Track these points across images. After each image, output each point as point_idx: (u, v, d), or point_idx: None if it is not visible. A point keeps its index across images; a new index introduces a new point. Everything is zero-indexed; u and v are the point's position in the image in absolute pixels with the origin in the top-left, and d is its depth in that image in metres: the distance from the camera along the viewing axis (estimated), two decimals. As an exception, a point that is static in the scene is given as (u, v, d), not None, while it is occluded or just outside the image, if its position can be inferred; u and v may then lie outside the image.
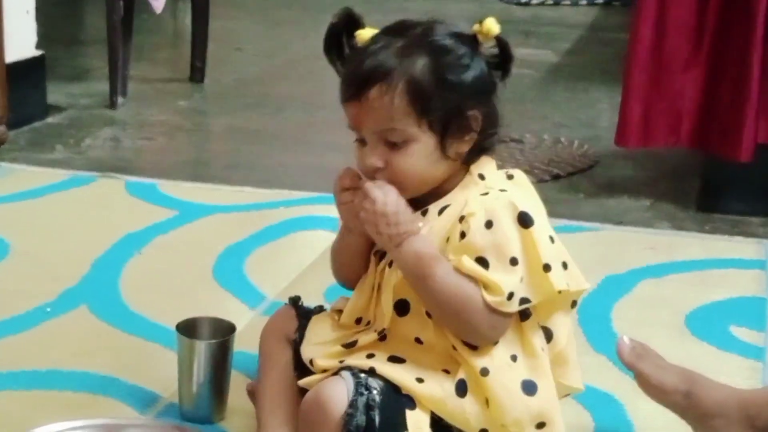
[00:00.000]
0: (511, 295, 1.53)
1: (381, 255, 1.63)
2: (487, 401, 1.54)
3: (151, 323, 2.15)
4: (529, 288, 1.55)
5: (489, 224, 1.53)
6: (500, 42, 1.58)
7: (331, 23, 1.61)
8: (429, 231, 1.57)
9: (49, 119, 3.64)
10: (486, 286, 1.53)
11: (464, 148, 1.58)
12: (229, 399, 1.84)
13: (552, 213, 2.87)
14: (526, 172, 1.69)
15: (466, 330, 1.55)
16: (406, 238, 1.55)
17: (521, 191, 1.60)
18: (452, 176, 1.60)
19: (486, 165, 1.62)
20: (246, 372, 1.95)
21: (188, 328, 1.85)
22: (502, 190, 1.57)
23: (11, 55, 3.29)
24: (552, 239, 1.56)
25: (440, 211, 1.59)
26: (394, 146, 1.56)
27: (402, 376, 1.55)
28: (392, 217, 1.54)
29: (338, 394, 1.54)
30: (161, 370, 1.96)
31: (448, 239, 1.56)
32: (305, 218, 2.71)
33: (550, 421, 1.56)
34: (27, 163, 3.13)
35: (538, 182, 3.12)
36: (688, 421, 1.74)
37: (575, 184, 3.13)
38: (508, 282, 1.53)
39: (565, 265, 1.58)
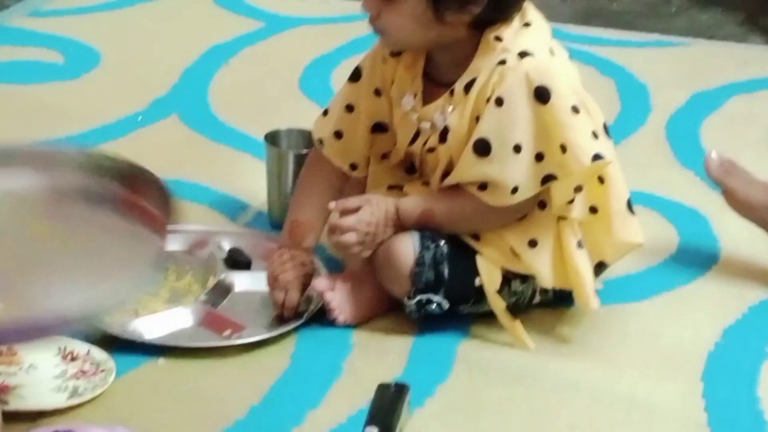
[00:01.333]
0: (515, 189, 1.50)
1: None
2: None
3: (240, 133, 2.18)
4: (549, 167, 1.50)
5: (499, 101, 1.49)
6: None
7: None
8: (460, 115, 1.53)
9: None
10: (487, 185, 1.51)
11: (465, 17, 1.50)
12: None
13: (643, 27, 2.85)
14: None
15: (489, 229, 1.56)
16: (391, 222, 1.55)
17: (540, 41, 1.53)
18: (467, 41, 1.54)
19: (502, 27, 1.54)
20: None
21: (276, 139, 1.88)
22: (521, 54, 1.50)
23: None
24: (576, 109, 1.50)
25: (466, 88, 1.54)
26: (387, 0, 1.51)
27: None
28: (370, 228, 1.55)
29: (405, 250, 1.56)
30: (250, 179, 1.99)
31: (477, 118, 1.52)
32: (392, 30, 2.69)
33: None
34: (115, -27, 3.13)
35: (629, -5, 3.06)
36: (775, 237, 1.74)
37: (667, -3, 3.06)
38: (509, 176, 1.50)
39: (595, 135, 1.51)
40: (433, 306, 1.57)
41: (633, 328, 1.63)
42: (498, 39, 1.51)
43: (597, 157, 1.49)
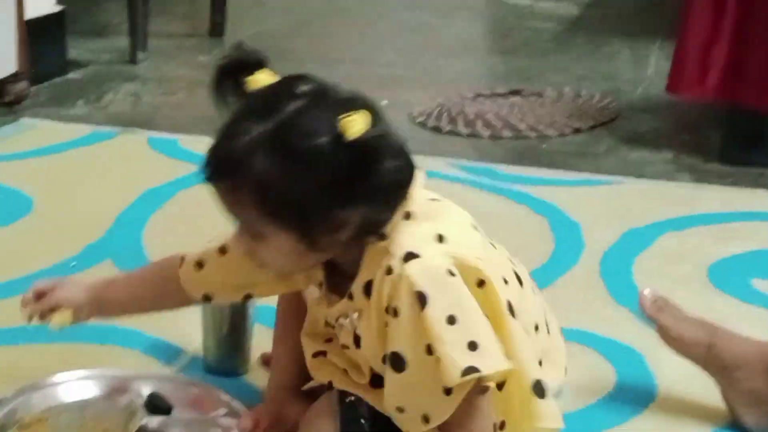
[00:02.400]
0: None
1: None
2: None
3: (175, 277, 2.17)
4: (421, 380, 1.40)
5: (395, 312, 1.40)
6: (362, 146, 1.35)
7: (220, 65, 1.47)
8: (367, 323, 1.46)
9: (70, 75, 3.65)
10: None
11: (343, 237, 1.41)
12: (252, 352, 1.86)
13: (573, 166, 2.90)
14: (546, 125, 1.64)
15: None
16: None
17: (424, 232, 1.44)
18: (353, 251, 1.45)
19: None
20: (268, 325, 1.96)
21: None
22: (406, 257, 1.40)
23: (31, 11, 3.30)
24: (452, 320, 1.38)
25: (366, 290, 1.45)
26: (258, 239, 1.44)
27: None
28: None
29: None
30: (185, 324, 1.97)
31: (386, 324, 1.43)
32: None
33: None
34: (48, 119, 3.14)
35: (560, 136, 3.11)
36: (710, 373, 1.75)
37: (596, 138, 3.12)
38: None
39: (472, 346, 1.39)
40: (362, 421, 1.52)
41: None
42: (381, 237, 1.43)
43: (471, 370, 1.38)
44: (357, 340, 1.50)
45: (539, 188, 2.67)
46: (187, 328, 1.94)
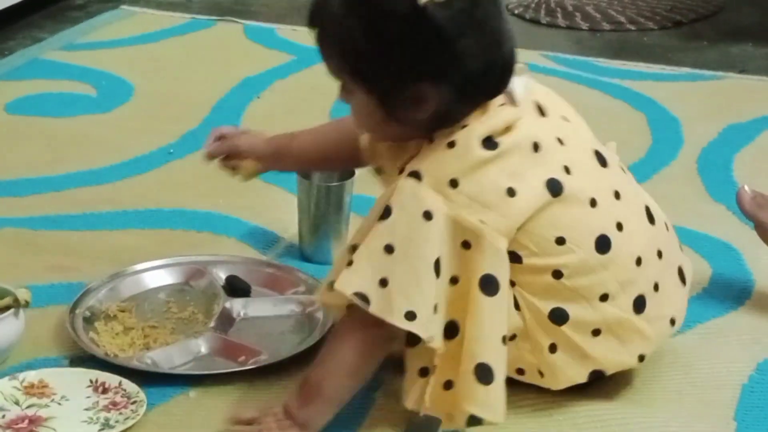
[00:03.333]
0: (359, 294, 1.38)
1: None
2: None
3: (271, 166, 2.19)
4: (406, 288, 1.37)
5: (387, 212, 1.40)
6: (438, 16, 1.34)
7: None
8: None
9: (169, -37, 3.65)
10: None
11: (419, 114, 1.40)
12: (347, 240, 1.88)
13: (674, 61, 2.85)
14: (647, 18, 1.56)
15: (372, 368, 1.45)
16: (286, 424, 1.43)
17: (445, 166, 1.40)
18: (418, 143, 1.44)
19: (470, 124, 1.41)
20: (364, 214, 1.97)
21: (307, 171, 1.88)
22: (412, 173, 1.39)
23: None
24: (390, 249, 1.37)
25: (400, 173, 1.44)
26: (345, 89, 1.44)
27: None
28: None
29: None
30: (281, 211, 2.00)
31: None
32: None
33: None
34: (147, 6, 3.16)
35: (660, 29, 3.06)
36: (808, 271, 1.73)
37: (697, 31, 3.06)
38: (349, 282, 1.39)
39: (383, 283, 1.37)
40: None
41: (666, 361, 1.62)
42: (451, 145, 1.41)
43: (361, 297, 1.36)
44: None
45: (638, 83, 2.63)
46: (284, 215, 1.97)
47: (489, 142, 1.40)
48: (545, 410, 1.51)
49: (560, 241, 1.42)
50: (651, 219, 1.53)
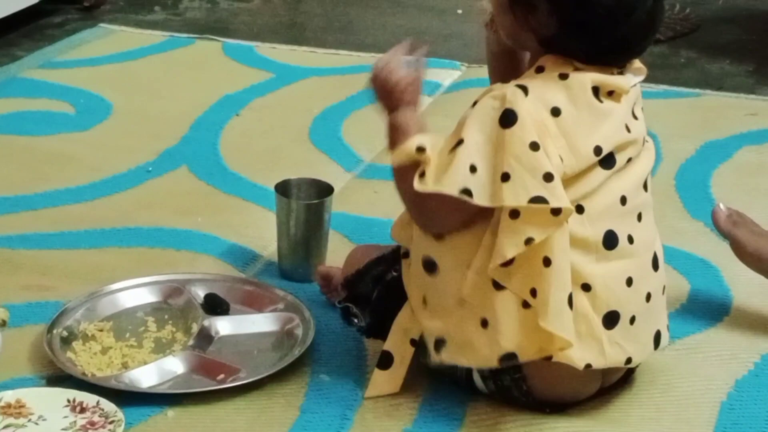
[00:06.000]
0: (423, 173, 1.43)
1: None
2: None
3: (250, 183, 2.19)
4: (484, 188, 1.41)
5: (474, 104, 1.45)
6: None
7: None
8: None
9: (147, -19, 3.65)
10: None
11: (540, 29, 1.47)
12: (327, 259, 1.87)
13: (652, 78, 2.84)
14: None
15: (408, 210, 1.52)
16: (395, 107, 1.49)
17: (551, 89, 1.45)
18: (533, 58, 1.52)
19: (566, 64, 1.48)
20: (343, 232, 1.98)
21: (286, 189, 1.88)
22: (518, 85, 1.44)
23: None
24: (535, 146, 1.40)
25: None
26: None
27: None
28: (388, 84, 1.50)
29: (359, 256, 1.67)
30: (260, 229, 2.00)
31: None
32: (401, 81, 2.70)
33: None
34: (126, 25, 3.15)
35: (638, 46, 3.06)
36: (786, 288, 1.74)
37: (676, 49, 3.07)
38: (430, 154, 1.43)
39: (548, 177, 1.40)
40: (355, 320, 1.61)
41: (645, 378, 1.62)
42: (540, 70, 1.48)
43: (538, 199, 1.39)
44: None
45: (616, 99, 2.64)
46: (263, 233, 1.97)
47: (596, 93, 1.46)
48: (526, 427, 1.51)
49: (580, 209, 1.45)
50: (656, 266, 1.55)
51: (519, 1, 1.47)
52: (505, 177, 1.40)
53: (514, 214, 1.40)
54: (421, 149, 1.43)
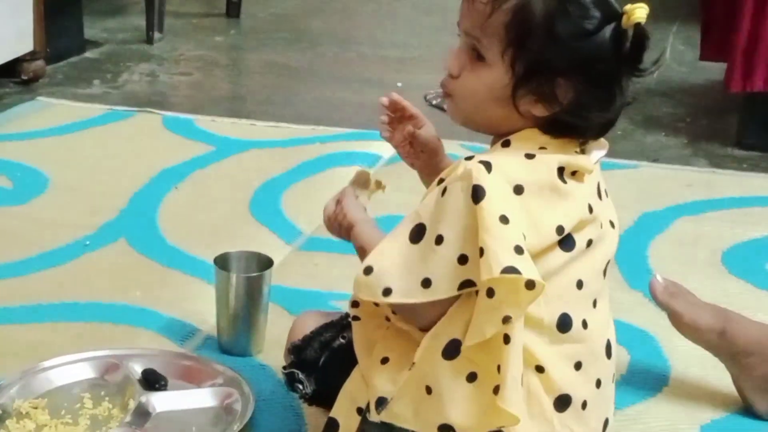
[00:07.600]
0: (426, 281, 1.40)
1: None
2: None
3: (189, 257, 2.17)
4: (470, 269, 1.39)
5: (443, 192, 1.41)
6: (636, 31, 1.43)
7: None
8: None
9: (87, 54, 3.65)
10: None
11: (536, 111, 1.42)
12: (266, 332, 1.86)
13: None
14: None
15: None
16: (347, 237, 1.52)
17: (513, 167, 1.42)
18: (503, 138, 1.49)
19: (533, 138, 1.46)
20: (283, 305, 1.97)
21: (225, 262, 1.87)
22: (483, 162, 1.41)
23: (48, -10, 3.29)
24: (505, 219, 1.36)
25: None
26: (476, 60, 1.45)
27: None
28: (327, 223, 1.55)
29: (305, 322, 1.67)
30: (199, 303, 1.98)
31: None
32: (341, 154, 2.71)
33: None
34: (65, 98, 3.15)
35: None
36: (722, 358, 1.75)
37: (612, 121, 3.11)
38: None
39: (518, 250, 1.36)
40: (300, 386, 1.61)
41: (585, 451, 1.62)
42: (506, 144, 1.46)
43: (511, 269, 1.35)
44: None
45: (554, 171, 2.66)
46: (202, 306, 1.95)
47: (561, 174, 1.43)
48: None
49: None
50: (609, 353, 1.53)
51: (538, 73, 1.41)
52: (481, 252, 1.37)
53: (490, 292, 1.37)
54: (368, 270, 1.40)
